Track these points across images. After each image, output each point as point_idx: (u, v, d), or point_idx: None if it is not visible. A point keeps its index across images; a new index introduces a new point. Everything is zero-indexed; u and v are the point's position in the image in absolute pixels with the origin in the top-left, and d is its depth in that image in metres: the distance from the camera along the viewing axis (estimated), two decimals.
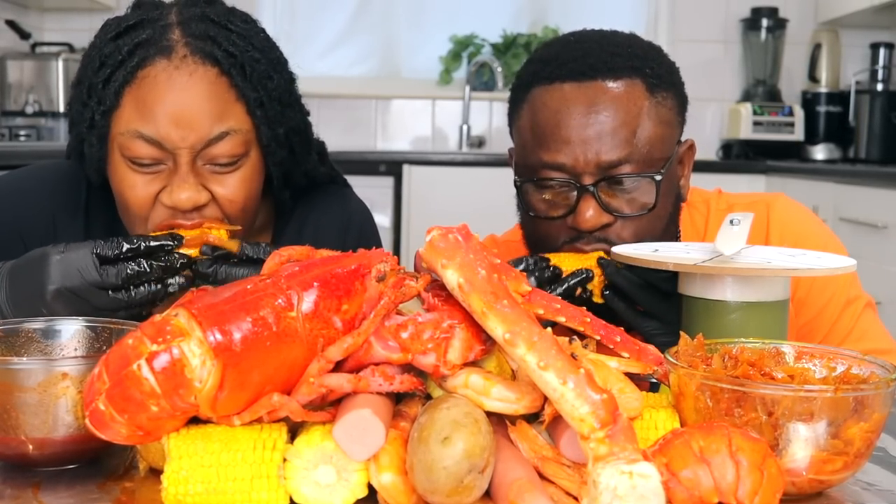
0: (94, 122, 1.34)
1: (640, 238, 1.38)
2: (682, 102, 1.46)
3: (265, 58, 1.37)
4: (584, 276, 1.32)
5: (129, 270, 1.21)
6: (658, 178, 1.37)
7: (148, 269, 1.22)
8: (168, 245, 1.24)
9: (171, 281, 1.24)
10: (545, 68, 1.43)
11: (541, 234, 1.41)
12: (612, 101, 1.37)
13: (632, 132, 1.37)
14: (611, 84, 1.39)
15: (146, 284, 1.22)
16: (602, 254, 1.34)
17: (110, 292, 1.21)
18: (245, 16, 1.42)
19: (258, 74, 1.35)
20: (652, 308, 1.29)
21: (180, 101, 1.30)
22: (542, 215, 1.40)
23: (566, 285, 1.31)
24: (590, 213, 1.36)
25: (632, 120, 1.37)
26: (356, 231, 1.60)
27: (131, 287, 1.22)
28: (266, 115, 1.36)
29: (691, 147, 1.49)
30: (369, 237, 1.62)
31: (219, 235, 1.29)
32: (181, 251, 1.25)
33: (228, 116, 1.32)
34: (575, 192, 1.37)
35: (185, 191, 1.30)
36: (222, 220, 1.34)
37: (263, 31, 1.43)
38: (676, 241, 1.52)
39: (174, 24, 1.34)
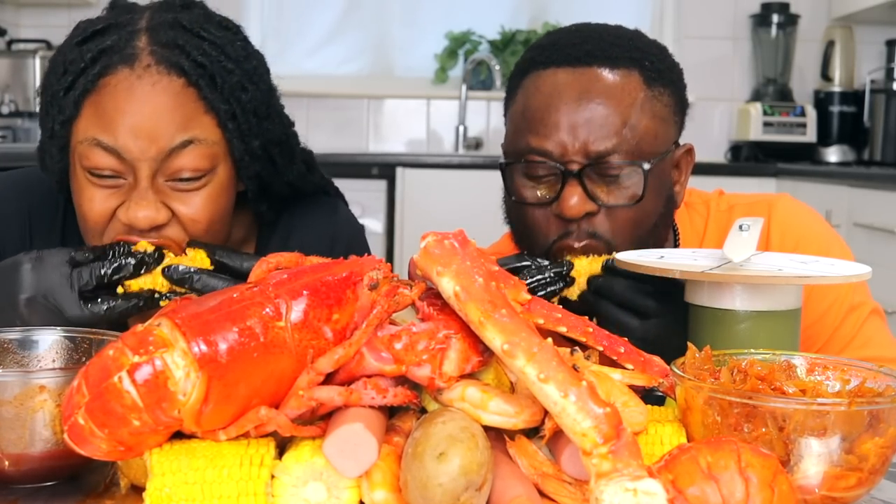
0: (54, 131, 1.33)
1: (625, 232, 1.39)
2: (679, 102, 1.47)
3: (239, 68, 1.35)
4: (563, 267, 1.34)
5: (101, 271, 1.22)
6: (646, 166, 1.38)
7: (121, 267, 1.23)
8: (147, 260, 1.24)
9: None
10: (542, 54, 1.45)
11: (527, 223, 1.42)
12: (605, 89, 1.39)
13: (622, 122, 1.38)
14: (606, 72, 1.40)
15: (120, 300, 1.23)
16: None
17: (83, 303, 1.21)
18: (225, 22, 1.40)
19: (230, 86, 1.32)
20: (631, 328, 1.30)
21: (141, 112, 1.28)
22: (527, 202, 1.41)
23: (546, 275, 1.33)
24: (574, 200, 1.37)
25: (624, 110, 1.38)
26: (344, 245, 1.58)
27: (104, 300, 1.22)
28: (239, 127, 1.34)
29: (689, 151, 1.49)
30: (358, 252, 1.61)
31: (195, 255, 1.28)
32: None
33: (193, 126, 1.30)
34: (560, 181, 1.38)
35: (143, 209, 1.28)
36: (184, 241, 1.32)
37: (243, 38, 1.40)
38: (670, 245, 1.53)
39: (142, 31, 1.32)
